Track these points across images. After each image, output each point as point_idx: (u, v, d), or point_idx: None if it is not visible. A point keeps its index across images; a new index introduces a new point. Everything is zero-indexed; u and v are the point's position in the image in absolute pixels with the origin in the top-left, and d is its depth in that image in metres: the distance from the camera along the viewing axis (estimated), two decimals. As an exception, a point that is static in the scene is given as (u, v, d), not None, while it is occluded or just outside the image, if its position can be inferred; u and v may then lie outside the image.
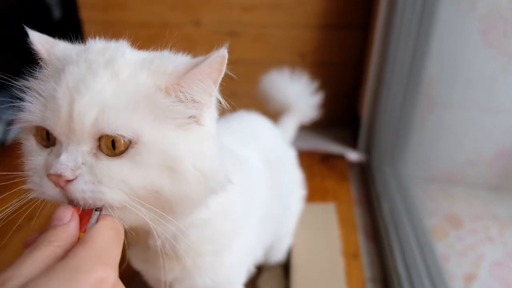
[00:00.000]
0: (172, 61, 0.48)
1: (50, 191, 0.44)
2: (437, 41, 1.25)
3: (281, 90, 1.12)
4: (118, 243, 0.42)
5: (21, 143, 0.49)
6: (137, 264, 0.68)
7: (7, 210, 0.45)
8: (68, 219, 0.41)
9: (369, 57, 1.55)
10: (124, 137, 0.43)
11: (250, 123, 0.94)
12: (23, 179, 0.47)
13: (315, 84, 1.16)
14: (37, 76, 0.47)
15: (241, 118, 0.94)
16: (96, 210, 0.44)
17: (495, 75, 1.23)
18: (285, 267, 1.09)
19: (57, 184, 0.43)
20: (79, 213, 0.43)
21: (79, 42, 0.52)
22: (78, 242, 0.39)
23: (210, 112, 0.51)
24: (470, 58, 1.26)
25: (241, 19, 1.68)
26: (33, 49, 0.51)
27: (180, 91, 0.46)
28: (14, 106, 0.47)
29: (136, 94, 0.45)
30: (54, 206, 0.45)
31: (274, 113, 1.16)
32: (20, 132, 0.49)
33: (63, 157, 0.42)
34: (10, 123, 1.64)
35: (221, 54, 0.45)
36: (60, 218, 0.41)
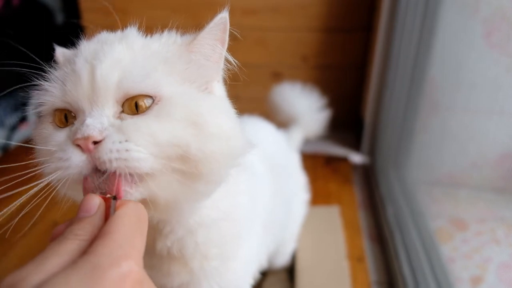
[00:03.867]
0: (178, 35, 0.52)
1: (77, 159, 0.42)
2: (440, 44, 1.25)
3: (290, 104, 1.14)
4: (140, 231, 0.39)
5: (33, 136, 0.50)
6: None
7: (20, 200, 0.45)
8: (95, 210, 0.39)
9: (371, 60, 1.55)
10: (147, 95, 0.45)
11: (254, 128, 0.94)
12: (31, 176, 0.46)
13: (324, 101, 1.18)
14: (51, 70, 0.49)
15: (245, 123, 0.94)
16: (114, 198, 0.41)
17: (499, 77, 1.22)
18: (290, 271, 1.09)
19: (85, 148, 0.42)
20: (106, 201, 0.41)
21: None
22: (98, 235, 0.36)
23: (220, 86, 0.55)
24: (473, 60, 1.25)
25: (243, 23, 1.68)
26: (35, 55, 0.51)
27: (193, 56, 0.50)
28: (19, 112, 0.47)
29: (152, 59, 0.47)
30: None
31: (277, 117, 1.16)
32: (36, 123, 0.50)
33: (89, 120, 0.43)
34: (13, 128, 1.65)
35: (223, 16, 0.50)
36: (87, 209, 0.39)
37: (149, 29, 0.53)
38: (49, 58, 0.53)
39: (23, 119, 1.69)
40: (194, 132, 0.45)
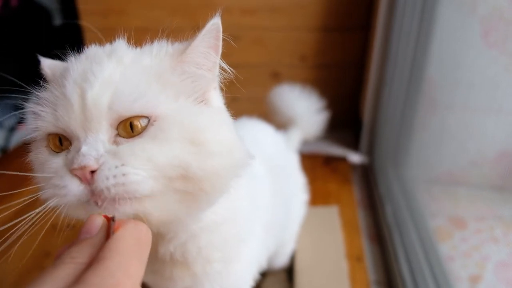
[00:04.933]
0: (169, 45, 0.50)
1: (74, 189, 0.41)
2: (438, 42, 1.25)
3: (289, 105, 1.14)
4: (138, 255, 0.37)
5: (28, 158, 0.49)
6: (144, 276, 0.67)
7: (25, 220, 0.43)
8: (96, 230, 0.38)
9: (370, 59, 1.55)
10: (142, 116, 0.43)
11: (253, 130, 0.94)
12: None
13: (323, 102, 1.18)
14: (43, 90, 0.47)
15: (244, 125, 0.94)
16: (113, 219, 0.40)
17: (497, 76, 1.23)
18: (289, 272, 1.09)
19: (83, 178, 0.41)
20: (109, 221, 0.40)
21: (80, 49, 0.53)
22: (91, 262, 0.35)
23: (217, 94, 0.53)
24: (471, 59, 1.25)
25: (241, 23, 1.68)
26: (33, 56, 0.51)
27: (186, 67, 0.48)
28: (17, 113, 0.47)
29: (144, 75, 0.45)
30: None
31: (276, 118, 1.16)
32: (32, 147, 0.49)
33: (84, 149, 0.42)
34: (12, 129, 1.65)
35: (215, 22, 0.47)
36: (88, 230, 0.38)
37: (146, 31, 0.52)
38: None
39: (21, 120, 1.68)
40: (194, 150, 0.44)
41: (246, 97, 1.28)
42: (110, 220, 0.40)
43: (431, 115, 1.40)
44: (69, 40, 0.53)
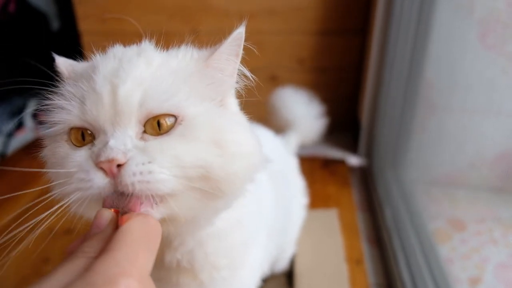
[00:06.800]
0: (195, 50, 0.52)
1: (100, 182, 0.41)
2: (435, 45, 1.26)
3: (289, 109, 1.14)
4: (147, 246, 0.38)
5: (45, 155, 0.49)
6: None
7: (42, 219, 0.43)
8: (106, 224, 0.39)
9: (367, 62, 1.56)
10: (170, 115, 0.44)
11: None
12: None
13: (322, 108, 1.18)
14: (65, 85, 0.47)
15: None
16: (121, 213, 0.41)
17: (495, 78, 1.23)
18: (289, 275, 1.08)
19: (109, 172, 0.41)
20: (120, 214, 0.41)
21: (78, 53, 0.53)
22: (100, 252, 0.36)
23: (234, 99, 0.56)
24: (469, 61, 1.26)
25: (238, 27, 1.68)
26: (31, 61, 0.51)
27: (211, 72, 0.50)
28: (16, 118, 0.46)
29: (173, 77, 0.46)
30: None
31: (274, 121, 1.16)
32: (48, 142, 0.49)
33: (113, 142, 0.42)
34: (10, 134, 1.64)
35: (240, 31, 0.51)
36: (98, 225, 0.39)
37: (145, 35, 0.52)
38: (47, 65, 0.53)
39: (19, 126, 1.69)
40: (218, 152, 0.45)
41: (244, 100, 1.28)
42: (118, 214, 0.40)
43: (429, 117, 1.40)
44: (67, 44, 0.53)
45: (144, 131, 0.44)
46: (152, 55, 0.49)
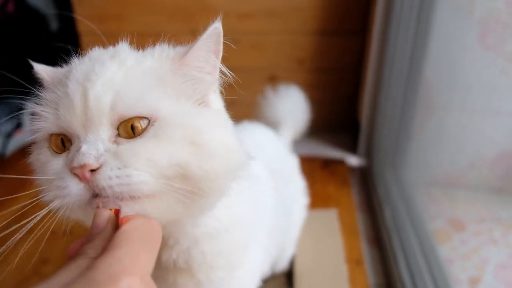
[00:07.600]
0: (171, 48, 0.51)
1: (75, 189, 0.41)
2: (435, 45, 1.25)
3: (272, 108, 1.13)
4: (148, 246, 0.38)
5: (29, 160, 0.49)
6: None
7: (29, 223, 0.43)
8: (104, 225, 0.39)
9: (367, 62, 1.56)
10: (142, 117, 0.44)
11: (253, 134, 0.94)
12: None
13: (305, 98, 1.17)
14: (43, 91, 0.48)
15: (244, 129, 0.94)
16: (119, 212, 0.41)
17: (494, 78, 1.23)
18: (288, 276, 1.08)
19: (82, 177, 0.41)
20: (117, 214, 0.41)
21: (77, 54, 0.52)
22: (101, 252, 0.36)
23: (217, 97, 0.53)
24: (468, 61, 1.25)
25: (238, 27, 1.68)
26: (30, 65, 0.51)
27: (187, 70, 0.48)
28: (15, 119, 0.47)
29: (146, 77, 0.46)
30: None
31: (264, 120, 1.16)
32: (33, 148, 0.49)
33: (84, 148, 0.41)
34: (9, 135, 1.64)
35: (216, 26, 0.48)
36: (97, 226, 0.39)
37: (144, 35, 0.52)
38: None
39: (18, 126, 1.68)
40: (194, 150, 0.44)
41: (244, 100, 1.28)
42: (118, 213, 0.41)
43: (429, 117, 1.40)
44: (66, 45, 0.53)
45: (118, 134, 0.44)
46: (126, 56, 0.48)
